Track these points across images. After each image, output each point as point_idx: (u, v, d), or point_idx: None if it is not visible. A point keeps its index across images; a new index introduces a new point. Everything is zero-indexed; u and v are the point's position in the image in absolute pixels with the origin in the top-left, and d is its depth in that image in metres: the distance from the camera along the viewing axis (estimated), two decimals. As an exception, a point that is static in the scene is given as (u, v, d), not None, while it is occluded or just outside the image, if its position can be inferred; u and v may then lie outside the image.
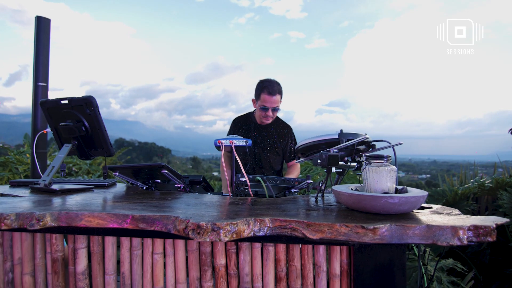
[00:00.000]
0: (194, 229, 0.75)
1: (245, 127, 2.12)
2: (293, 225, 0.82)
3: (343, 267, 0.90)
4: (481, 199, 3.43)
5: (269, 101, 1.92)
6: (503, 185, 3.27)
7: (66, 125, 1.27)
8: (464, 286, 2.07)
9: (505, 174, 4.14)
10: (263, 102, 1.94)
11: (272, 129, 2.11)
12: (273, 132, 2.11)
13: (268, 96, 1.92)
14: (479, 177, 4.44)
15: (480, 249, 2.72)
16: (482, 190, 3.30)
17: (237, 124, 2.15)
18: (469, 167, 4.65)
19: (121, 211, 0.86)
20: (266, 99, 1.92)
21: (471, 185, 3.96)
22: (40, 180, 1.22)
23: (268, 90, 1.91)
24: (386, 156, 0.99)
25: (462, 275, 2.29)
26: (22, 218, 0.82)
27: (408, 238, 0.79)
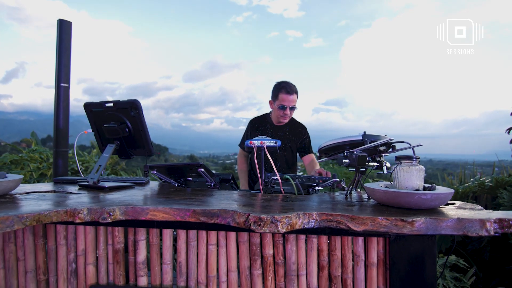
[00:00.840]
0: (256, 221, 0.84)
1: (262, 128, 2.23)
2: (339, 218, 0.91)
3: (379, 257, 1.00)
4: (480, 197, 3.56)
5: (287, 100, 2.05)
6: (502, 184, 3.40)
7: (111, 127, 1.35)
8: (466, 282, 2.18)
9: (504, 173, 4.28)
10: (281, 101, 2.06)
11: (287, 129, 2.21)
12: (289, 132, 2.21)
13: (286, 95, 2.04)
14: (478, 176, 4.59)
15: (480, 246, 2.84)
16: (482, 189, 3.43)
17: (254, 125, 2.26)
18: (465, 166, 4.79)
19: (180, 206, 0.95)
20: (284, 98, 2.05)
21: (471, 184, 4.10)
22: (88, 177, 1.31)
23: (286, 89, 2.05)
24: (415, 156, 1.09)
25: (464, 271, 2.40)
26: (93, 212, 0.91)
27: (442, 230, 0.89)
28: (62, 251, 1.04)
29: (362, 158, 1.29)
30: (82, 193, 1.19)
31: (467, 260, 2.73)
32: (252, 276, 1.00)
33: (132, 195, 1.17)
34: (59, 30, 2.52)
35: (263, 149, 1.50)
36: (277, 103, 2.09)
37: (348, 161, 1.39)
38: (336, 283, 1.00)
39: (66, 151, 2.61)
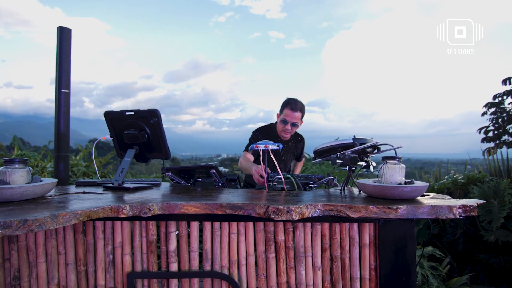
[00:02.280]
0: (275, 211, 1.04)
1: (271, 140, 2.33)
2: (339, 208, 1.13)
3: (370, 239, 1.22)
4: (454, 193, 3.92)
5: (290, 116, 2.21)
6: (473, 181, 3.77)
7: (131, 133, 1.50)
8: (442, 270, 2.46)
9: (475, 170, 4.72)
10: (284, 116, 2.23)
11: (290, 144, 2.43)
12: (291, 146, 2.43)
13: (290, 111, 2.20)
14: (452, 174, 5.02)
15: (454, 238, 3.15)
16: (455, 185, 3.78)
17: (265, 135, 2.35)
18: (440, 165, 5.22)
19: (204, 201, 1.13)
20: (288, 113, 2.21)
21: (446, 181, 4.49)
22: (112, 180, 1.45)
23: (291, 106, 2.21)
24: (397, 157, 1.33)
25: (440, 261, 2.67)
26: (135, 208, 1.07)
27: (419, 215, 1.12)
28: (101, 244, 1.18)
29: (354, 159, 1.52)
30: (110, 194, 1.34)
31: (443, 251, 3.02)
32: (267, 258, 1.19)
33: (154, 194, 1.33)
34: (59, 37, 2.60)
35: (267, 152, 1.70)
36: (281, 116, 2.26)
37: (341, 161, 1.62)
38: (336, 262, 1.21)
39: (67, 155, 2.70)
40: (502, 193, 3.13)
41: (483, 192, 3.21)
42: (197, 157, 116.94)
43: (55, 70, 2.66)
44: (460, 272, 2.96)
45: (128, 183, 1.58)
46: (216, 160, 31.22)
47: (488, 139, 14.99)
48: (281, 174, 1.63)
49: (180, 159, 63.01)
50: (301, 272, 1.19)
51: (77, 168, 4.69)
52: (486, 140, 15.17)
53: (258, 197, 1.26)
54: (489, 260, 2.85)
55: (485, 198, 3.15)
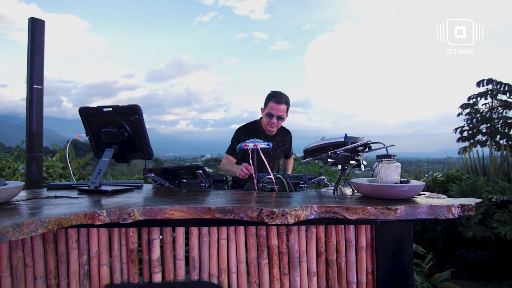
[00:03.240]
0: (269, 214, 0.96)
1: (256, 137, 2.22)
2: (336, 210, 1.06)
3: (367, 241, 1.16)
4: (433, 191, 4.01)
5: (275, 109, 2.14)
6: (452, 179, 3.87)
7: (109, 131, 1.37)
8: (424, 266, 2.47)
9: (453, 169, 4.85)
10: (269, 109, 2.16)
11: (278, 138, 2.34)
12: (279, 141, 2.34)
13: (275, 104, 2.13)
14: (431, 172, 5.15)
15: (434, 234, 3.21)
16: (435, 183, 3.87)
17: (247, 133, 2.26)
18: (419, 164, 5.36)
19: (190, 205, 1.03)
20: (273, 106, 2.14)
21: (426, 179, 4.60)
22: (89, 182, 1.32)
23: (276, 98, 2.14)
24: (393, 155, 1.28)
25: (423, 257, 2.71)
26: (113, 214, 0.96)
27: (418, 215, 1.07)
28: (74, 255, 1.06)
29: (347, 158, 1.47)
30: (85, 197, 1.21)
31: (424, 247, 3.06)
32: (260, 265, 1.11)
33: (135, 197, 1.22)
34: (31, 29, 2.42)
35: (257, 151, 1.61)
36: (266, 110, 2.18)
37: (333, 160, 1.57)
38: (332, 266, 1.14)
39: (40, 156, 2.51)
40: (480, 191, 3.22)
41: (462, 189, 3.29)
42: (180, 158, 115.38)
43: (27, 64, 2.46)
44: (440, 267, 3.02)
45: (106, 185, 1.45)
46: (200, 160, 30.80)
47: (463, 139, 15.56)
48: (271, 174, 1.56)
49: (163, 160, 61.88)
50: (296, 279, 1.12)
51: (53, 169, 4.44)
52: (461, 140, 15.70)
53: (248, 199, 1.17)
54: (467, 255, 2.93)
55: (464, 195, 3.23)
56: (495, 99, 12.71)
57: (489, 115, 12.79)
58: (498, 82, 12.36)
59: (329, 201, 1.15)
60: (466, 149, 13.85)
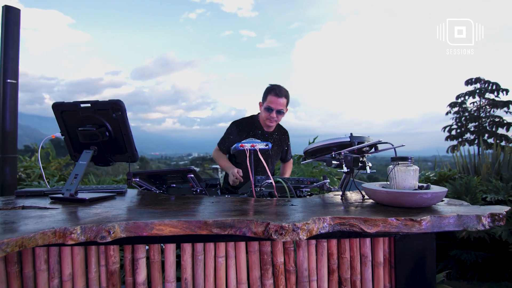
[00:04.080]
0: (277, 230, 0.80)
1: (252, 134, 2.12)
2: (352, 221, 0.91)
3: (385, 256, 1.02)
4: (427, 190, 3.99)
5: (275, 102, 1.99)
6: (445, 178, 3.82)
7: (88, 130, 1.19)
8: None
9: (444, 167, 4.82)
10: (268, 103, 2.01)
11: (275, 135, 2.19)
12: (277, 139, 2.19)
13: (275, 97, 1.99)
14: (423, 171, 5.12)
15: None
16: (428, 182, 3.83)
17: (241, 128, 2.13)
18: None
19: (189, 218, 0.87)
20: (272, 100, 2.00)
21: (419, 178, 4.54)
22: (63, 189, 1.14)
23: (275, 91, 1.99)
24: (410, 157, 1.14)
25: None
26: (89, 231, 0.79)
27: (445, 227, 0.94)
28: (43, 278, 0.88)
29: (356, 160, 1.33)
30: (58, 208, 1.03)
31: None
32: (264, 286, 0.96)
33: (117, 207, 1.05)
34: (4, 19, 2.19)
35: (254, 152, 1.46)
36: (265, 104, 2.04)
37: (338, 162, 1.43)
38: (346, 285, 1.00)
39: (15, 157, 2.29)
40: (474, 190, 3.18)
41: (455, 189, 3.24)
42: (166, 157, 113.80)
43: (0, 57, 2.23)
44: (434, 268, 2.97)
45: (84, 192, 1.27)
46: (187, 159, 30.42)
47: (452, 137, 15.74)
48: (271, 178, 1.41)
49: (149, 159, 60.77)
50: (305, 301, 0.97)
51: (32, 170, 4.17)
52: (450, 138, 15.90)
53: (247, 209, 1.02)
54: (461, 256, 2.89)
55: (458, 195, 3.18)
56: (483, 98, 12.91)
57: (477, 113, 12.98)
58: (486, 81, 12.55)
59: (341, 210, 1.01)
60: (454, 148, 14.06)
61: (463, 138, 14.18)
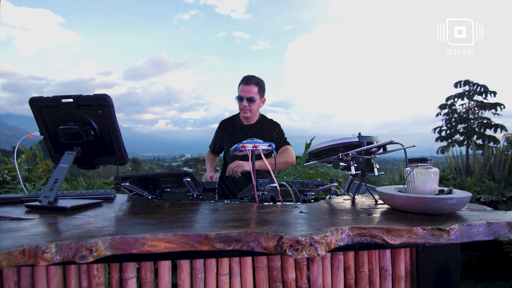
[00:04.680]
0: (292, 245, 0.69)
1: (232, 129, 2.09)
2: (373, 232, 0.80)
3: (406, 269, 0.92)
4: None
5: (244, 90, 1.94)
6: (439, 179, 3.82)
7: (70, 129, 1.05)
8: None
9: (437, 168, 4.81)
10: (239, 93, 1.97)
11: (258, 127, 2.07)
12: (258, 130, 2.06)
13: (244, 85, 1.94)
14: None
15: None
16: None
17: (223, 126, 2.14)
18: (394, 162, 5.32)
19: (187, 231, 0.74)
20: (242, 88, 1.95)
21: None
22: (41, 196, 0.99)
23: (245, 80, 1.95)
24: (429, 159, 1.04)
25: None
26: (66, 249, 0.65)
27: (475, 236, 0.84)
28: (11, 304, 0.74)
29: (369, 161, 1.22)
30: (34, 218, 0.89)
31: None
32: (273, 307, 0.84)
33: (102, 217, 0.91)
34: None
35: (254, 153, 1.34)
36: (237, 94, 2.00)
37: (345, 164, 1.32)
38: (364, 303, 0.89)
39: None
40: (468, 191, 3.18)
41: (450, 190, 3.24)
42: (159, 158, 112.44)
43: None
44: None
45: (67, 198, 1.13)
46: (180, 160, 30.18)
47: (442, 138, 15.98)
48: (275, 181, 1.29)
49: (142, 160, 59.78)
50: (320, 322, 0.85)
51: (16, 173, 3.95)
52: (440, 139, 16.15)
53: (252, 217, 0.90)
54: None
55: (452, 196, 3.18)
56: (472, 100, 13.13)
57: (466, 115, 13.19)
58: (475, 84, 12.76)
59: (358, 218, 0.90)
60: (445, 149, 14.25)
61: (453, 139, 14.40)
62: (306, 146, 4.08)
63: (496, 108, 12.47)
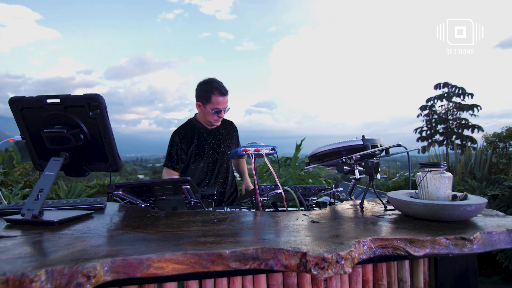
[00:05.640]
0: (318, 263, 0.62)
1: (198, 136, 1.90)
2: (396, 243, 0.75)
3: (425, 279, 0.88)
4: (405, 190, 4.09)
5: (223, 102, 1.80)
6: None
7: (56, 132, 0.94)
8: None
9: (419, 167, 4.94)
10: (216, 105, 1.79)
11: (222, 130, 1.99)
12: (224, 134, 1.99)
13: (221, 97, 1.79)
14: (402, 172, 5.20)
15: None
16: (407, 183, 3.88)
17: (186, 136, 1.89)
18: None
19: (198, 249, 0.66)
20: (220, 100, 1.79)
21: (398, 179, 4.60)
22: (24, 208, 0.88)
23: (220, 91, 1.79)
24: (443, 163, 1.01)
25: None
26: (58, 276, 0.56)
27: (497, 244, 0.81)
28: None
29: (377, 165, 1.18)
30: (16, 236, 0.78)
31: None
32: (289, 327, 0.77)
33: (95, 232, 0.81)
34: None
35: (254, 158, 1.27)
36: (210, 106, 1.80)
37: (349, 167, 1.28)
38: (383, 318, 0.84)
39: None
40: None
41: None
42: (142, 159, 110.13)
43: None
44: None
45: (52, 209, 1.01)
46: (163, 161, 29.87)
47: (422, 138, 16.49)
48: (280, 187, 1.22)
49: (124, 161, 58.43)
50: None
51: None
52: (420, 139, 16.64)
53: (261, 227, 0.83)
54: None
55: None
56: (450, 101, 13.60)
57: (445, 116, 13.65)
58: (453, 86, 13.23)
59: (375, 228, 0.84)
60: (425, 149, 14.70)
61: (433, 139, 14.85)
62: (296, 147, 4.05)
63: (473, 109, 12.99)
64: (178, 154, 1.87)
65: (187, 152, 1.88)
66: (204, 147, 1.90)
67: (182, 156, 1.87)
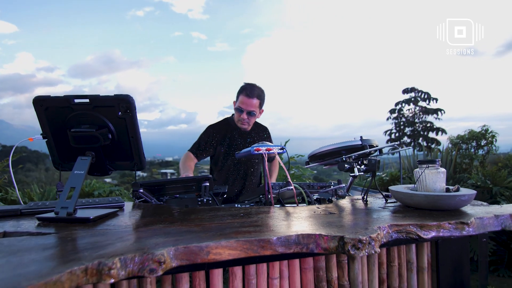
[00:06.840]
0: (355, 244, 0.72)
1: (229, 135, 2.00)
2: (409, 228, 0.87)
3: (428, 260, 1.01)
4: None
5: (246, 103, 1.88)
6: (395, 178, 4.17)
7: (84, 132, 0.96)
8: None
9: (391, 168, 5.26)
10: (239, 104, 1.90)
11: (253, 134, 2.08)
12: (255, 137, 2.07)
13: (246, 98, 1.87)
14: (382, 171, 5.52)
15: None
16: (381, 183, 4.14)
17: (217, 131, 1.99)
18: None
19: (246, 236, 0.73)
20: (244, 100, 1.88)
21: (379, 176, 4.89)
22: (57, 206, 0.89)
23: (247, 91, 1.87)
24: (438, 160, 1.15)
25: None
26: (130, 263, 0.60)
27: (488, 227, 0.95)
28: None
29: (379, 163, 1.31)
30: (56, 233, 0.80)
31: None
32: (318, 306, 0.86)
33: (135, 225, 0.85)
34: None
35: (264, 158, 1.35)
36: (237, 104, 1.92)
37: (349, 165, 1.40)
38: (395, 295, 0.95)
39: None
40: None
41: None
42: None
43: None
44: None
45: (79, 207, 1.02)
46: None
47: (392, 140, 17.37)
48: (291, 184, 1.31)
49: (92, 164, 55.16)
50: (360, 317, 0.90)
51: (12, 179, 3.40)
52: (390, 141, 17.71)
53: (287, 217, 0.91)
54: None
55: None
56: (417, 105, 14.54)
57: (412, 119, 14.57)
58: (419, 91, 14.17)
59: (386, 216, 0.96)
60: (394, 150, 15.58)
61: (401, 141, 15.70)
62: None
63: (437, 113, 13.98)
64: (206, 145, 1.96)
65: (216, 148, 1.97)
66: (233, 147, 1.96)
67: (210, 149, 1.97)
